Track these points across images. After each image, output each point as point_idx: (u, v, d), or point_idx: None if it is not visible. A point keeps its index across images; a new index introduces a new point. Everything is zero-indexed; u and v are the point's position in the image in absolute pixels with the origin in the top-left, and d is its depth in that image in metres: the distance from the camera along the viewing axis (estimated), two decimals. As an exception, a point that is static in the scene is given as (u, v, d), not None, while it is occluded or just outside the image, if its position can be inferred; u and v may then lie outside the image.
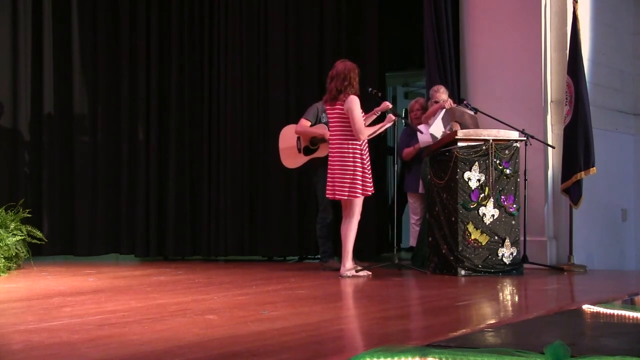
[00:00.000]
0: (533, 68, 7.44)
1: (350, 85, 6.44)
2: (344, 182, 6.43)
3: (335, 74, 6.52)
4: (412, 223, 7.85)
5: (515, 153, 6.71)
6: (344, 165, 6.43)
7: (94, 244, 9.15)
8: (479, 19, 7.70)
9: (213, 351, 3.19)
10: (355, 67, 6.52)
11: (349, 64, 6.54)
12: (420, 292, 5.66)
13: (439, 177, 6.70)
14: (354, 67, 6.51)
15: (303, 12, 8.79)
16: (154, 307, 4.56)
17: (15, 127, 8.97)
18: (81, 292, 5.48)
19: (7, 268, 6.93)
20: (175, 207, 8.98)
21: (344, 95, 6.44)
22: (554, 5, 7.50)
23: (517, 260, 6.63)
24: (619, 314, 4.27)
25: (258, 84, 8.88)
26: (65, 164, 9.21)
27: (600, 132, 7.48)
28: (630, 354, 2.90)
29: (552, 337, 3.14)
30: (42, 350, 3.21)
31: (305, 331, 3.62)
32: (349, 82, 6.44)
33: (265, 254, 8.86)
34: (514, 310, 4.85)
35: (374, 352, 2.84)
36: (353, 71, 6.49)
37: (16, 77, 8.98)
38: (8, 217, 7.32)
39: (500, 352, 2.92)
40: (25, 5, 9.05)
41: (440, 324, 3.98)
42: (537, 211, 7.21)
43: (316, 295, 5.30)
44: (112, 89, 9.29)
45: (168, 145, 9.05)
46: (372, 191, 6.53)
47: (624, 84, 8.45)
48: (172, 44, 9.14)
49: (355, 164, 6.41)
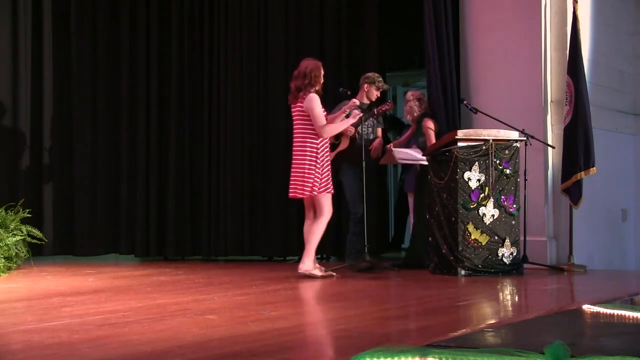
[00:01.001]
0: (533, 68, 7.44)
1: (310, 83, 6.35)
2: (306, 180, 6.35)
3: (297, 72, 6.46)
4: (413, 223, 7.85)
5: (515, 153, 6.71)
6: (304, 164, 6.37)
7: (93, 244, 9.15)
8: (479, 18, 7.70)
9: (213, 351, 3.19)
10: (317, 66, 6.42)
11: (311, 62, 6.47)
12: (420, 292, 5.66)
13: (439, 177, 6.69)
14: (317, 66, 6.42)
15: (303, 12, 8.79)
16: (154, 307, 4.56)
17: (15, 127, 8.96)
18: (81, 292, 5.48)
19: (7, 268, 6.93)
20: (175, 207, 8.98)
21: (304, 93, 6.37)
22: (554, 5, 7.49)
23: (517, 260, 6.63)
24: (619, 314, 4.26)
25: (258, 85, 8.88)
26: (65, 164, 9.21)
27: (600, 132, 7.48)
28: (630, 354, 2.90)
29: (552, 337, 3.14)
30: (42, 350, 3.21)
31: (305, 331, 3.62)
32: (309, 80, 6.35)
33: (265, 254, 8.85)
34: (514, 310, 4.85)
35: (374, 352, 2.84)
36: (316, 69, 6.39)
37: (16, 77, 8.97)
38: (8, 217, 7.32)
39: (500, 352, 2.92)
40: (25, 5, 9.05)
41: (440, 324, 3.98)
42: (537, 211, 7.21)
43: (316, 295, 5.30)
44: (112, 90, 9.28)
45: (168, 145, 9.05)
46: (331, 191, 6.46)
47: (624, 84, 8.45)
48: (172, 44, 9.13)
49: (313, 162, 6.34)
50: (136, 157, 9.13)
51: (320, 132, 6.35)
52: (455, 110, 7.61)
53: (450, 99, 7.59)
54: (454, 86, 7.65)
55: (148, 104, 9.14)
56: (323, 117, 6.37)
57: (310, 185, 6.34)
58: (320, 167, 6.37)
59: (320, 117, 6.34)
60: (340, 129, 6.63)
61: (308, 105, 6.35)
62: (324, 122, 6.36)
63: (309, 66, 6.43)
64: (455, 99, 7.59)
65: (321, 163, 6.38)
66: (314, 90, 6.37)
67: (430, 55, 7.63)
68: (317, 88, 6.41)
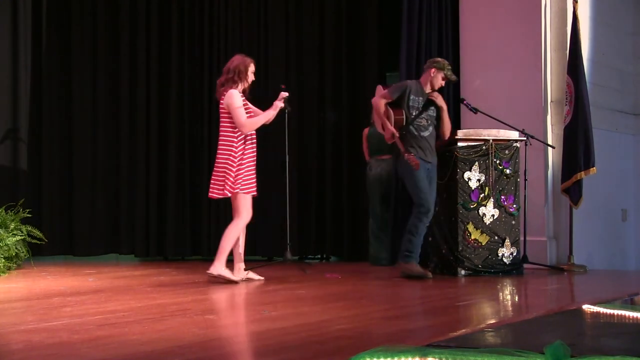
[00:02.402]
0: (533, 68, 7.44)
1: (232, 79, 6.08)
2: (227, 179, 6.01)
3: (225, 68, 6.20)
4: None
5: (515, 153, 6.71)
6: (225, 162, 6.05)
7: (93, 244, 9.15)
8: (479, 18, 7.70)
9: (213, 351, 3.19)
10: (244, 62, 6.14)
11: (238, 57, 6.20)
12: (420, 292, 5.66)
13: (439, 177, 6.69)
14: (243, 62, 6.14)
15: (303, 12, 8.79)
16: (154, 307, 4.56)
17: (15, 127, 8.96)
18: (81, 292, 5.48)
19: (7, 268, 6.93)
20: (175, 207, 8.98)
21: (224, 89, 6.10)
22: (554, 5, 7.50)
23: (517, 260, 6.63)
24: (619, 314, 4.26)
25: (257, 85, 8.83)
26: (65, 164, 9.21)
27: (600, 132, 7.48)
28: (630, 354, 2.90)
29: (552, 337, 3.14)
30: (42, 350, 3.20)
31: (305, 331, 3.61)
32: (232, 76, 6.08)
33: (265, 254, 8.85)
34: (514, 310, 4.85)
35: (374, 352, 2.84)
36: (241, 65, 6.11)
37: (16, 77, 8.98)
38: (8, 217, 7.32)
39: (500, 352, 2.92)
40: (25, 5, 9.05)
41: (440, 324, 3.98)
42: (537, 211, 7.21)
43: (316, 295, 5.30)
44: (112, 90, 9.28)
45: (168, 145, 9.05)
46: (254, 192, 6.17)
47: (624, 84, 8.45)
48: (172, 44, 9.14)
49: (232, 161, 6.02)
50: (136, 157, 9.13)
51: (240, 127, 6.03)
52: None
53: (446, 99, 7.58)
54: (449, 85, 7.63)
55: (148, 104, 9.14)
56: (243, 113, 6.05)
57: (231, 184, 6.01)
58: (240, 165, 6.04)
59: (239, 113, 6.03)
60: (260, 122, 6.15)
61: (227, 101, 6.06)
62: (244, 118, 6.04)
63: (234, 62, 6.15)
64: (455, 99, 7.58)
65: (241, 161, 6.05)
66: (236, 87, 6.08)
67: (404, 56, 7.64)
68: (244, 85, 6.15)
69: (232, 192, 6.03)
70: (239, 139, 6.07)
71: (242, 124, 6.04)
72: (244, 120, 6.05)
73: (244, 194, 6.08)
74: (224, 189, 6.02)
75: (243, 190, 6.06)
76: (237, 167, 6.04)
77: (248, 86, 6.21)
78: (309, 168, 8.72)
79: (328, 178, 8.68)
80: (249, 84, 6.21)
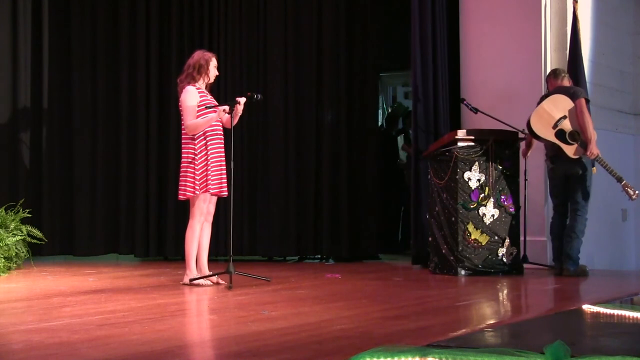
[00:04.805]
0: (533, 68, 7.44)
1: (192, 76, 5.83)
2: (187, 181, 5.81)
3: (185, 65, 5.98)
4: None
5: (515, 153, 6.71)
6: (183, 163, 5.85)
7: (93, 244, 9.14)
8: (479, 18, 7.70)
9: (213, 351, 3.19)
10: (204, 57, 5.91)
11: (198, 53, 5.97)
12: (420, 292, 5.66)
13: (439, 177, 6.70)
14: (203, 57, 5.91)
15: (302, 12, 8.79)
16: (154, 307, 4.56)
17: (15, 127, 8.96)
18: (81, 292, 5.48)
19: (7, 268, 6.93)
20: (175, 207, 8.96)
21: (181, 87, 5.87)
22: (554, 5, 7.50)
23: (517, 260, 6.64)
24: (619, 314, 4.26)
25: (257, 85, 8.87)
26: (65, 164, 9.20)
27: (600, 132, 7.46)
28: (630, 354, 2.90)
29: (552, 337, 3.14)
30: (42, 350, 3.21)
31: (305, 331, 3.61)
32: (191, 72, 5.84)
33: (265, 254, 8.85)
34: (514, 310, 4.85)
35: (374, 352, 2.84)
36: (202, 59, 5.88)
37: (16, 77, 8.97)
38: (8, 217, 7.32)
39: (500, 352, 2.92)
40: (25, 5, 9.04)
41: (440, 324, 3.98)
42: (537, 211, 7.21)
43: (316, 295, 5.30)
44: (112, 89, 9.28)
45: (168, 145, 9.04)
46: (216, 191, 5.90)
47: (624, 84, 8.45)
48: (172, 44, 9.13)
49: (189, 161, 5.79)
50: (136, 157, 9.12)
51: (186, 128, 5.78)
52: (443, 107, 7.59)
53: (442, 98, 7.59)
54: (446, 84, 7.64)
55: (148, 104, 9.13)
56: (191, 113, 5.76)
57: (191, 186, 5.78)
58: (203, 165, 5.79)
59: (188, 112, 5.76)
60: (201, 125, 5.75)
61: (181, 98, 5.82)
62: (190, 118, 5.76)
63: (194, 57, 5.91)
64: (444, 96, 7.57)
65: (205, 161, 5.79)
66: (195, 84, 5.84)
67: (417, 53, 7.62)
68: (205, 81, 5.91)
69: (185, 196, 5.81)
70: (198, 137, 5.80)
71: (187, 125, 5.78)
72: (188, 121, 5.77)
73: (194, 195, 5.81)
74: (191, 191, 5.79)
75: (204, 191, 5.80)
76: (201, 167, 5.79)
77: (210, 81, 6.00)
78: (309, 168, 8.70)
79: (326, 178, 8.64)
80: (210, 79, 5.97)
